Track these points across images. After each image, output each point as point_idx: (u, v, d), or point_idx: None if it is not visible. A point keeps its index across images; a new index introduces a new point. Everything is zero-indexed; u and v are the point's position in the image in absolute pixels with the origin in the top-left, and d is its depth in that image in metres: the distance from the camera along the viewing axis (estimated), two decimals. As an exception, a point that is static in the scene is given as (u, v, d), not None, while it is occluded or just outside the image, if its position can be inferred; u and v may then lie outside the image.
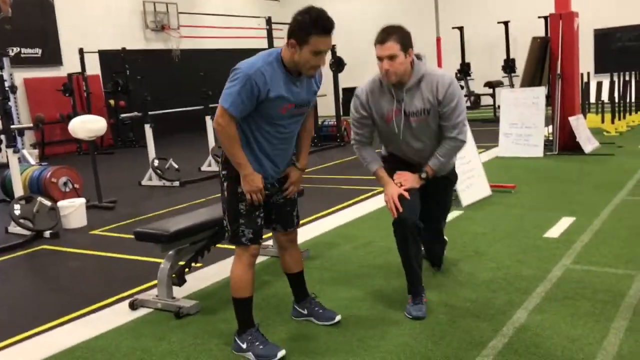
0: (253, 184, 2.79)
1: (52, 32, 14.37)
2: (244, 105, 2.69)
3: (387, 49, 3.04)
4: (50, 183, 7.19)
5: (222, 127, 2.74)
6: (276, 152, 2.89)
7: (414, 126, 3.20)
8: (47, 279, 4.76)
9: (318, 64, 2.73)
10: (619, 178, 6.37)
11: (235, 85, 2.67)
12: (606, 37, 16.45)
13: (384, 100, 3.22)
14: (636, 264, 3.77)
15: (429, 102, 3.14)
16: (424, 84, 3.14)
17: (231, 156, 2.80)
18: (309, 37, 2.63)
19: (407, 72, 3.12)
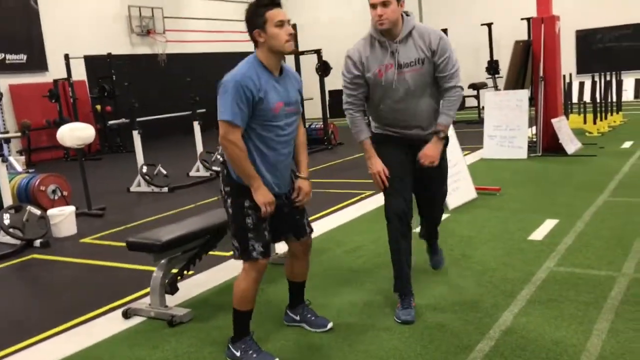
0: (267, 195, 2.83)
1: (37, 38, 14.30)
2: (243, 112, 2.75)
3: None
4: (39, 191, 7.19)
5: (229, 141, 2.76)
6: (279, 158, 2.93)
7: (408, 79, 3.20)
8: (39, 289, 4.79)
9: (289, 34, 2.81)
10: (601, 179, 6.50)
11: (227, 96, 2.74)
12: (588, 38, 16.69)
13: (377, 55, 3.22)
14: (618, 265, 3.88)
15: (422, 51, 3.19)
16: (416, 35, 3.20)
17: (242, 170, 2.81)
18: (264, 16, 2.77)
19: (398, 22, 3.18)
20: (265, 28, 2.79)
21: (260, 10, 2.78)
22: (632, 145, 8.65)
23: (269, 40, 2.80)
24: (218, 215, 4.05)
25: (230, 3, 19.20)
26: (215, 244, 3.94)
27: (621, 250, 4.16)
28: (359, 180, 7.63)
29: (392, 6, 3.12)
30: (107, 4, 15.99)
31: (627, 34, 16.23)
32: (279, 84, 2.87)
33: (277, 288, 3.93)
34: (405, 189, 3.35)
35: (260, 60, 2.84)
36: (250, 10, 2.82)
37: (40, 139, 14.00)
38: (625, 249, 4.16)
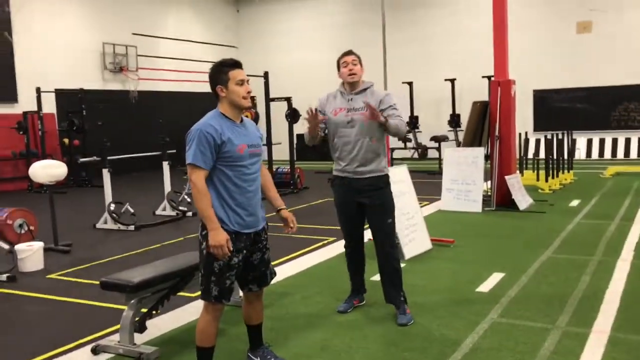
0: (216, 238, 3.12)
1: (9, 69, 14.41)
2: (205, 155, 3.12)
3: (351, 57, 4.29)
4: (5, 225, 7.28)
5: (192, 182, 3.15)
6: (248, 195, 3.25)
7: (356, 118, 4.18)
8: (5, 324, 4.89)
9: (247, 92, 3.26)
10: (547, 236, 6.97)
11: (192, 142, 3.15)
12: (545, 98, 17.63)
13: (336, 101, 4.31)
14: (552, 318, 4.26)
15: (372, 102, 4.14)
16: (368, 92, 4.27)
17: (200, 211, 3.15)
18: (227, 74, 3.22)
19: (359, 81, 4.29)
20: (227, 85, 3.22)
21: (224, 69, 3.24)
22: (579, 203, 9.21)
23: (230, 95, 3.23)
24: (187, 259, 4.31)
25: (199, 45, 19.68)
26: (183, 286, 4.18)
27: (558, 304, 4.54)
28: (323, 227, 7.94)
29: (358, 66, 4.29)
30: (81, 39, 16.25)
31: (581, 96, 17.22)
32: (240, 129, 3.27)
33: (240, 330, 4.16)
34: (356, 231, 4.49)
35: (222, 112, 3.26)
36: (215, 68, 3.27)
37: (5, 170, 13.98)
38: (561, 303, 4.55)
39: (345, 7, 20.15)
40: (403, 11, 18.89)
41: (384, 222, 4.31)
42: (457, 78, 17.34)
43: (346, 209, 4.39)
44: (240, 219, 3.23)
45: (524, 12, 16.90)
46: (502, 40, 9.27)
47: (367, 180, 4.23)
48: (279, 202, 3.54)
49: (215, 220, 3.14)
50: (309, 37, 20.58)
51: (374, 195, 4.25)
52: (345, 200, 4.35)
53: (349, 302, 4.62)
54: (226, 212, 3.20)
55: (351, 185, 4.27)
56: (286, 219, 3.51)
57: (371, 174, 4.23)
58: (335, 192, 4.43)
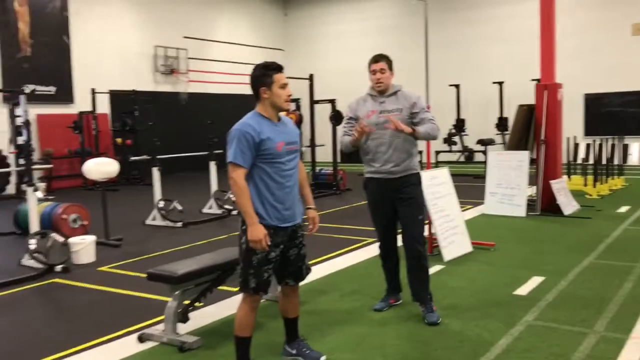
0: (255, 233, 3.27)
1: (66, 71, 15.07)
2: (245, 154, 3.28)
3: (379, 65, 4.36)
4: (61, 219, 7.67)
5: (233, 179, 3.31)
6: (285, 190, 3.40)
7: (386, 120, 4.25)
8: (59, 311, 5.19)
9: (288, 95, 3.44)
10: (592, 241, 6.86)
11: (232, 142, 3.33)
12: (596, 102, 17.21)
13: (367, 104, 4.42)
14: (590, 322, 4.23)
15: (402, 104, 4.33)
16: (399, 94, 4.38)
17: (240, 206, 3.31)
18: (272, 77, 3.39)
19: (389, 86, 4.39)
20: (271, 87, 3.37)
21: (269, 72, 3.40)
22: (628, 210, 9.00)
23: (272, 97, 3.39)
24: (229, 253, 4.49)
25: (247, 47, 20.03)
26: (225, 279, 4.36)
27: (596, 309, 4.51)
28: (363, 227, 8.03)
29: (386, 74, 4.37)
30: (134, 43, 16.83)
31: (632, 100, 16.74)
32: (278, 127, 3.42)
33: (277, 324, 4.30)
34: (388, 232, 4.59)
35: (260, 113, 3.42)
36: (260, 71, 3.43)
37: (61, 167, 14.58)
38: (599, 309, 4.51)
39: (390, 11, 20.18)
40: (450, 13, 18.79)
41: (415, 217, 4.40)
42: (505, 81, 17.13)
43: (381, 209, 4.49)
44: (278, 213, 3.37)
45: (576, 15, 16.57)
46: (550, 43, 9.16)
47: (401, 179, 4.35)
48: (310, 200, 3.70)
49: (254, 216, 3.28)
50: (354, 41, 20.68)
51: (406, 191, 4.37)
52: (379, 200, 4.46)
53: (385, 300, 4.71)
54: (265, 207, 3.34)
55: (386, 185, 4.37)
56: (312, 219, 3.65)
57: (405, 172, 4.36)
58: (369, 193, 4.54)
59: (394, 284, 4.75)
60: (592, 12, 16.97)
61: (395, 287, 4.75)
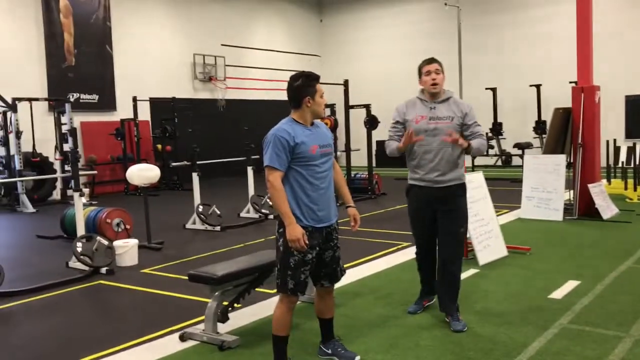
0: (293, 232, 3.40)
1: (109, 79, 15.55)
2: (280, 158, 3.42)
3: (434, 65, 4.31)
4: (105, 223, 7.96)
5: (270, 182, 3.46)
6: (320, 192, 3.53)
7: (439, 127, 4.21)
8: (106, 311, 5.42)
9: (325, 103, 3.65)
10: (630, 246, 6.78)
11: (268, 146, 3.48)
12: (637, 103, 16.84)
13: (417, 109, 4.34)
14: (627, 327, 4.22)
15: (454, 112, 4.26)
16: (451, 101, 4.31)
17: (276, 207, 3.45)
18: (315, 87, 3.55)
19: (442, 90, 4.32)
20: (314, 97, 3.52)
21: (313, 82, 3.54)
22: (670, 214, 8.84)
23: (314, 106, 3.54)
24: (266, 256, 4.63)
25: (284, 54, 20.28)
26: (262, 281, 4.50)
27: (633, 314, 4.49)
28: (398, 232, 8.10)
29: (441, 75, 4.33)
30: (174, 51, 17.25)
31: (677, 101, 16.33)
32: (312, 131, 3.56)
33: (314, 324, 4.41)
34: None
35: (294, 119, 3.57)
36: (304, 81, 3.55)
37: (104, 173, 15.03)
38: (637, 313, 4.49)
39: (424, 15, 20.15)
40: (484, 17, 18.67)
41: (457, 229, 4.34)
42: (542, 84, 16.92)
43: (422, 218, 4.44)
44: (313, 214, 3.50)
45: (615, 16, 16.27)
46: (586, 44, 9.06)
47: (446, 189, 4.27)
48: (349, 199, 3.82)
49: (292, 216, 3.42)
50: (388, 46, 20.74)
51: (450, 202, 4.29)
52: (422, 208, 4.39)
53: (419, 303, 4.77)
54: (301, 208, 3.47)
55: (430, 194, 4.30)
56: (353, 216, 3.77)
57: (450, 182, 4.27)
58: (411, 200, 4.48)
59: (429, 288, 4.76)
60: (630, 12, 16.62)
61: (429, 290, 4.77)
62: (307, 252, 3.46)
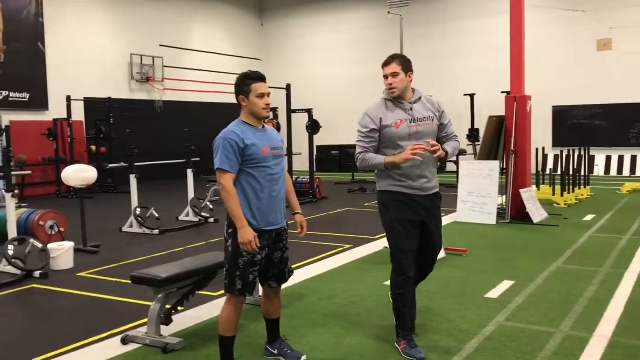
0: (245, 235, 3.39)
1: (41, 78, 14.97)
2: (231, 160, 3.42)
3: (391, 68, 3.85)
4: (38, 226, 7.66)
5: (222, 185, 3.45)
6: (272, 195, 3.54)
7: (421, 130, 3.84)
8: (40, 316, 5.22)
9: (267, 104, 3.54)
10: (559, 248, 7.13)
11: (218, 149, 3.46)
12: (563, 114, 17.72)
13: (393, 112, 3.87)
14: (557, 323, 4.45)
15: (432, 112, 3.93)
16: (424, 100, 3.96)
17: (230, 210, 3.44)
18: (250, 86, 3.50)
19: (408, 90, 3.90)
20: (248, 96, 3.52)
21: (248, 82, 3.53)
22: (594, 218, 9.33)
23: (250, 105, 3.54)
24: (210, 258, 4.61)
25: (224, 57, 20.14)
26: (207, 283, 4.47)
27: (562, 311, 4.73)
28: (339, 235, 8.19)
29: (400, 76, 3.85)
30: (110, 50, 16.82)
31: (600, 113, 17.29)
32: (262, 133, 3.57)
33: (258, 326, 4.43)
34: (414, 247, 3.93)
35: (243, 121, 3.57)
36: (239, 80, 3.57)
37: (34, 175, 14.42)
38: (566, 310, 4.74)
39: (366, 23, 20.49)
40: (423, 27, 19.19)
41: (439, 246, 4.05)
42: (476, 93, 17.52)
43: (412, 231, 3.86)
44: (264, 216, 3.51)
45: (545, 30, 17.07)
46: (519, 56, 9.48)
47: (432, 196, 3.92)
48: (297, 205, 3.84)
49: (244, 219, 3.42)
50: (330, 52, 20.95)
51: (436, 210, 3.96)
52: (410, 219, 3.84)
53: (417, 345, 3.91)
54: (252, 211, 3.48)
55: (419, 203, 3.85)
56: (300, 223, 3.78)
57: (435, 189, 3.94)
58: (393, 209, 3.85)
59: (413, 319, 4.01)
60: (560, 27, 17.50)
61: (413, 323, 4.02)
62: (256, 253, 3.47)
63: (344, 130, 19.84)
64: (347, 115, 19.75)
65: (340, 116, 19.78)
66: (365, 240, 7.70)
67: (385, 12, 17.24)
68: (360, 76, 19.68)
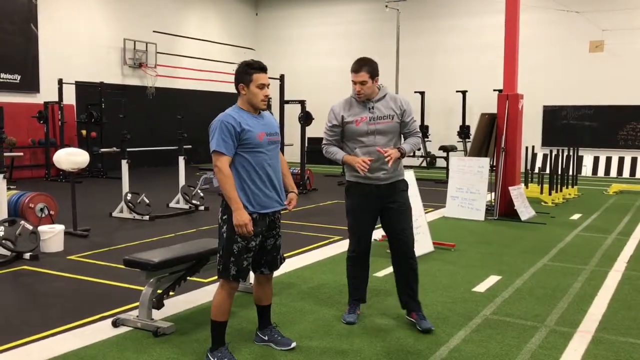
0: (239, 218, 3.44)
1: (33, 60, 14.85)
2: (227, 143, 3.46)
3: (359, 77, 4.12)
4: (28, 208, 7.65)
5: (217, 167, 3.48)
6: (266, 179, 3.58)
7: (379, 127, 4.15)
8: (30, 297, 5.24)
9: (266, 95, 3.57)
10: (545, 245, 7.24)
11: (215, 132, 3.50)
12: (554, 113, 17.88)
13: (356, 110, 4.20)
14: (542, 317, 4.54)
15: (393, 110, 4.19)
16: (388, 97, 4.22)
17: (225, 192, 3.48)
18: (251, 76, 3.52)
19: (374, 92, 4.20)
20: (249, 85, 3.53)
21: (250, 71, 3.55)
22: (580, 217, 9.46)
23: (249, 94, 3.56)
24: (203, 244, 4.64)
25: (218, 45, 20.08)
26: (199, 269, 4.50)
27: (548, 306, 4.82)
28: (329, 226, 8.25)
29: (368, 84, 4.15)
30: (103, 35, 16.70)
31: (590, 114, 17.46)
32: (259, 119, 3.60)
33: (249, 313, 4.48)
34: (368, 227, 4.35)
35: (240, 106, 3.61)
36: (242, 68, 3.58)
37: (24, 157, 14.34)
38: (551, 306, 4.83)
39: (361, 16, 20.51)
40: (418, 22, 19.23)
41: (409, 225, 4.27)
42: (468, 90, 17.63)
43: (366, 216, 4.27)
44: (259, 200, 3.55)
45: (539, 30, 17.18)
46: (513, 55, 9.56)
47: (390, 185, 4.20)
48: (293, 187, 3.89)
49: (239, 201, 3.46)
50: (325, 44, 20.95)
51: (395, 198, 4.21)
52: (366, 206, 4.24)
53: (355, 312, 4.45)
54: (247, 194, 3.52)
55: (375, 191, 4.18)
56: (291, 199, 3.82)
57: (394, 178, 4.21)
58: (352, 197, 4.29)
59: (363, 293, 4.54)
60: (553, 28, 17.62)
61: (364, 296, 4.55)
62: (250, 239, 3.51)
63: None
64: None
65: (332, 109, 19.79)
66: (355, 232, 7.73)
67: (382, 6, 17.31)
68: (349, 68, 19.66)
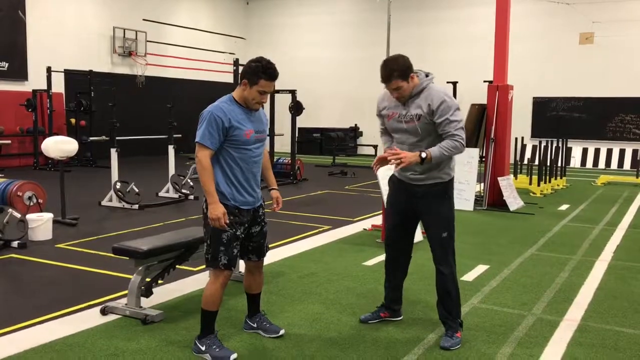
0: (214, 212, 3.43)
1: (21, 47, 14.71)
2: (213, 137, 3.42)
3: (392, 85, 3.72)
4: (16, 196, 7.60)
5: (198, 158, 3.46)
6: (250, 176, 3.57)
7: (406, 127, 3.78)
8: (19, 285, 5.21)
9: (262, 101, 3.54)
10: (533, 235, 7.29)
11: (203, 123, 3.45)
12: (543, 105, 17.95)
13: (392, 103, 3.86)
14: (529, 306, 4.59)
15: (422, 110, 3.70)
16: (424, 94, 3.74)
17: (203, 185, 3.47)
18: (259, 80, 3.44)
19: (415, 86, 3.75)
20: (252, 87, 3.47)
21: (259, 75, 3.44)
22: (568, 208, 9.53)
23: (247, 93, 3.50)
24: (192, 233, 4.64)
25: (208, 34, 19.97)
26: (188, 257, 4.50)
27: (535, 295, 4.87)
28: (318, 216, 8.26)
29: (404, 87, 3.71)
30: (93, 22, 16.56)
31: (579, 105, 17.55)
32: (249, 115, 3.56)
33: (238, 301, 4.49)
34: None
35: (235, 99, 3.55)
36: (254, 67, 3.46)
37: (11, 146, 14.26)
38: (538, 295, 4.88)
39: (352, 5, 20.44)
40: (410, 12, 19.20)
41: (438, 235, 3.92)
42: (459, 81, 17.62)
43: (394, 210, 4.07)
44: (241, 196, 3.54)
45: (529, 21, 17.21)
46: (503, 46, 9.58)
47: (423, 187, 3.84)
48: (273, 182, 3.89)
49: (215, 195, 3.44)
50: (315, 33, 20.87)
51: (428, 204, 3.86)
52: (395, 200, 4.05)
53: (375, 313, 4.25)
54: (230, 188, 3.51)
55: (407, 187, 3.92)
56: (276, 198, 3.83)
57: (426, 180, 3.82)
58: (390, 190, 4.12)
59: (394, 295, 4.22)
60: (544, 19, 17.66)
61: (395, 299, 4.23)
62: (237, 227, 3.51)
63: (326, 114, 19.87)
64: (330, 98, 19.81)
65: (323, 99, 19.80)
66: (345, 221, 7.78)
67: (372, -4, 17.27)
68: (345, 59, 19.68)
